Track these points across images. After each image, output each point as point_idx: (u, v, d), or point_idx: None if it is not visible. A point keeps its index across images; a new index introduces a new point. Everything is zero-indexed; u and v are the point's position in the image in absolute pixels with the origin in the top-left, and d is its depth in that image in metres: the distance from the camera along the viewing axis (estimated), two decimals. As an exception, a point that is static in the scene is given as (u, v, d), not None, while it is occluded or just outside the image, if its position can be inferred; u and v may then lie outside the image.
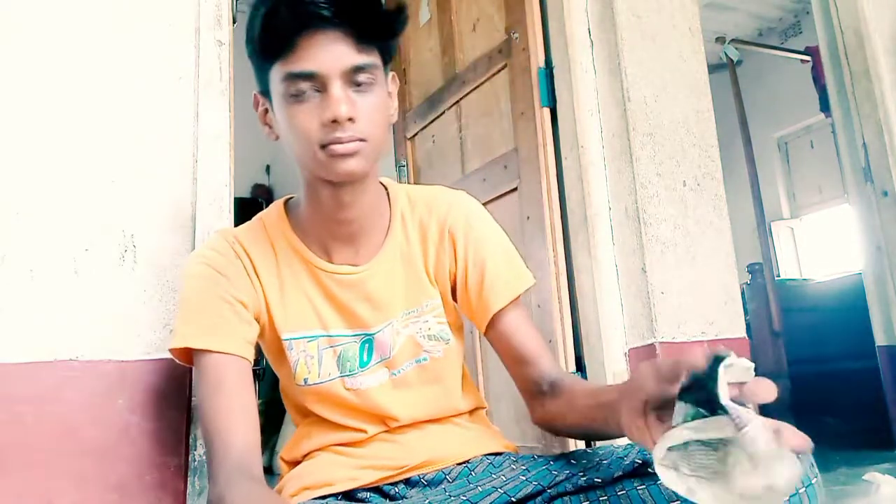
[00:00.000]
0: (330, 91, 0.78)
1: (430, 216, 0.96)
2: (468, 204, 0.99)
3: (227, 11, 1.31)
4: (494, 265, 0.95)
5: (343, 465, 0.90)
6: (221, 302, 0.86)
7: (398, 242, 0.94)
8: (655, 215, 1.69)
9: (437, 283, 0.95)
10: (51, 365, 1.03)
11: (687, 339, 1.65)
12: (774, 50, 4.70)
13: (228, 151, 1.25)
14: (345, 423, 0.91)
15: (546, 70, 1.88)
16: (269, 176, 5.09)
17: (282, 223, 0.93)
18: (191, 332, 0.85)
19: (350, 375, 0.91)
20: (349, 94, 0.79)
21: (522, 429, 1.83)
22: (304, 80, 0.78)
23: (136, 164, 1.15)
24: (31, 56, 1.12)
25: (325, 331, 0.91)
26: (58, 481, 1.00)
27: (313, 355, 0.90)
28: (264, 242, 0.92)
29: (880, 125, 2.28)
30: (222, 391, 0.82)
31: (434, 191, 1.00)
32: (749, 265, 3.48)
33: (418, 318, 0.93)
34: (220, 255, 0.89)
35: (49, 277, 1.06)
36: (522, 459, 0.90)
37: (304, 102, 0.79)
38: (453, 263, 0.95)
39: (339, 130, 0.78)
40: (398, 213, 0.95)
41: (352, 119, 0.78)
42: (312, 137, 0.79)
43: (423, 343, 0.93)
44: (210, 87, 1.24)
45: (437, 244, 0.95)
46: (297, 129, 0.80)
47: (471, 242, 0.95)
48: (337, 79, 0.78)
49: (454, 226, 0.95)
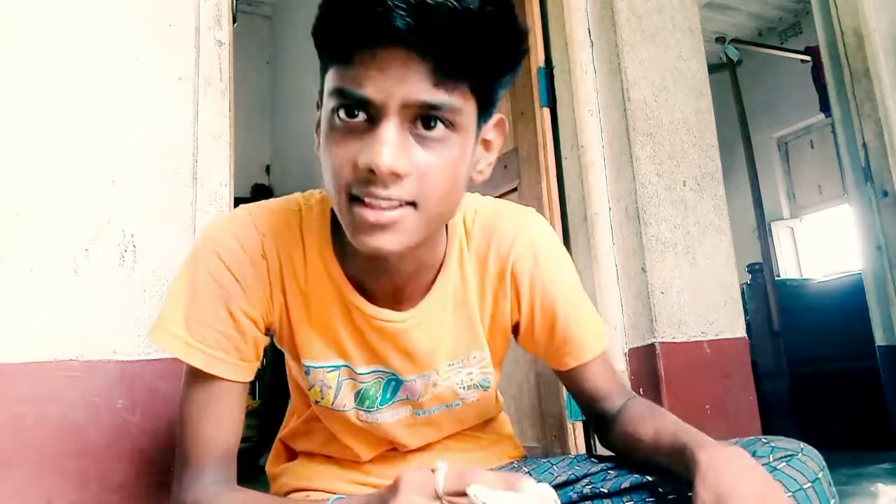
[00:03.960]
0: (380, 126, 0.58)
1: (490, 248, 0.79)
2: (536, 234, 0.81)
3: (227, 11, 1.31)
4: (566, 320, 0.81)
5: (342, 477, 0.87)
6: (229, 320, 0.72)
7: (452, 283, 0.78)
8: (655, 215, 1.69)
9: (493, 331, 0.83)
10: (51, 365, 1.03)
11: (687, 339, 1.65)
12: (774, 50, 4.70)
13: (228, 151, 1.25)
14: (347, 444, 0.85)
15: (546, 70, 1.88)
16: (269, 176, 5.09)
17: (321, 231, 0.75)
18: (187, 341, 0.72)
19: (368, 411, 0.81)
20: (406, 140, 0.58)
21: (523, 428, 1.83)
22: (353, 102, 0.58)
23: (136, 164, 1.15)
24: (32, 56, 1.12)
25: (347, 362, 0.78)
26: (58, 481, 1.00)
27: (331, 385, 0.79)
28: (296, 245, 0.75)
29: (880, 125, 2.28)
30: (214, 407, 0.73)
31: (496, 213, 0.81)
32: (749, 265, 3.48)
33: (462, 368, 0.81)
34: (242, 251, 0.73)
35: (49, 277, 1.06)
36: (526, 463, 0.88)
37: (348, 129, 0.59)
38: (516, 310, 0.82)
39: (377, 187, 0.58)
40: (455, 246, 0.78)
41: (398, 175, 0.58)
42: (341, 180, 0.60)
43: (461, 392, 0.83)
44: (210, 87, 1.24)
45: (495, 286, 0.80)
46: (329, 163, 0.61)
47: (537, 287, 0.80)
48: (394, 113, 0.57)
49: (518, 265, 0.79)
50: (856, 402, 2.95)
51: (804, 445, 0.68)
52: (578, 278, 0.85)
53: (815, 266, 5.28)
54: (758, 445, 0.68)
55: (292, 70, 4.71)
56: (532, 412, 1.83)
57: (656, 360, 1.59)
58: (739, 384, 1.70)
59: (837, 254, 5.07)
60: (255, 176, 5.00)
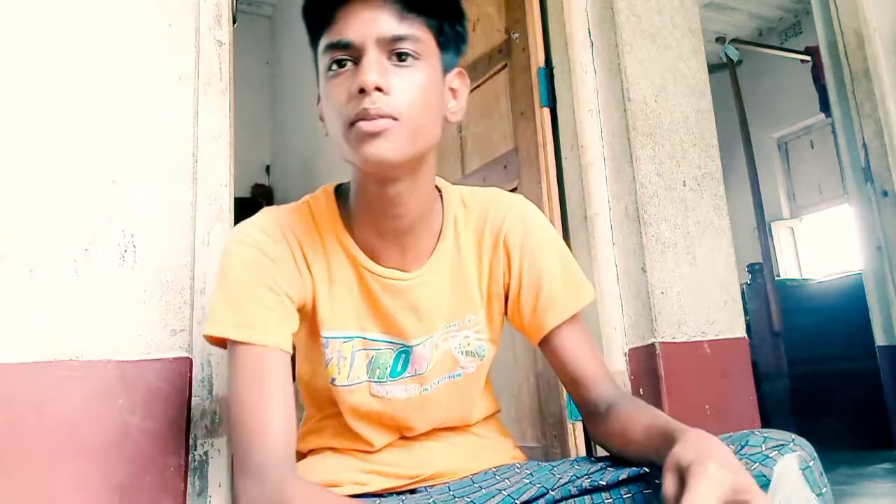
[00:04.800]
0: (363, 60, 0.73)
1: (485, 223, 0.90)
2: (525, 210, 0.93)
3: (227, 11, 1.31)
4: (551, 279, 0.90)
5: (351, 467, 0.88)
6: (267, 291, 0.80)
7: (450, 249, 0.88)
8: (655, 215, 1.69)
9: (487, 297, 0.91)
10: (51, 365, 1.03)
11: (687, 339, 1.65)
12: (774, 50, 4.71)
13: (228, 151, 1.25)
14: (358, 431, 0.88)
15: (546, 70, 1.88)
16: (268, 176, 5.09)
17: (331, 213, 0.87)
18: (232, 321, 0.79)
19: (378, 382, 0.87)
20: (384, 64, 0.73)
21: (522, 428, 1.83)
22: (340, 50, 0.74)
23: (136, 164, 1.15)
24: (32, 56, 1.12)
25: (361, 332, 0.86)
26: (58, 481, 1.00)
27: (346, 356, 0.86)
28: (312, 231, 0.86)
29: (880, 125, 2.28)
30: (263, 386, 0.77)
31: (490, 194, 0.94)
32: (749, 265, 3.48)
33: (458, 332, 0.89)
34: (270, 238, 0.83)
35: (49, 277, 1.06)
36: (528, 465, 0.89)
37: (340, 76, 0.74)
38: (507, 275, 0.91)
39: (368, 102, 0.71)
40: (451, 217, 0.89)
41: (381, 90, 0.72)
42: (342, 113, 0.74)
43: (459, 359, 0.89)
44: (210, 87, 1.24)
45: (491, 254, 0.90)
46: (331, 105, 0.76)
47: (527, 254, 0.90)
48: (372, 47, 0.73)
49: (510, 235, 0.90)
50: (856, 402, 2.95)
51: (795, 437, 0.71)
52: (568, 250, 0.94)
53: (815, 266, 5.28)
54: (751, 436, 0.71)
55: (292, 70, 4.71)
56: (532, 412, 1.83)
57: (656, 360, 1.59)
58: (739, 384, 1.70)
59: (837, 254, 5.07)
60: (255, 176, 5.00)
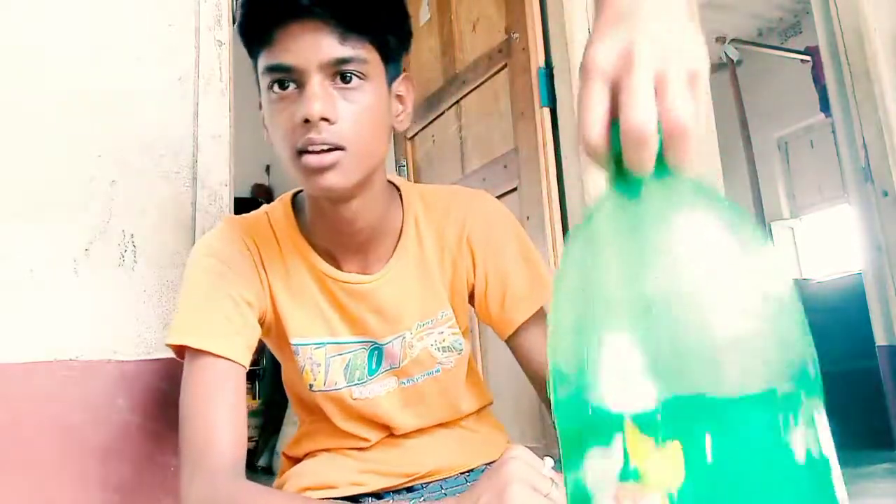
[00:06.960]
0: (306, 87, 0.70)
1: (447, 220, 0.89)
2: (487, 207, 0.92)
3: (227, 11, 1.31)
4: (517, 276, 0.89)
5: (346, 468, 0.89)
6: (227, 300, 0.79)
7: (412, 248, 0.88)
8: (655, 215, 1.69)
9: (450, 293, 0.90)
10: (51, 365, 1.03)
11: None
12: (774, 50, 4.71)
13: (228, 151, 1.25)
14: (348, 430, 0.89)
15: (546, 70, 1.88)
16: (268, 176, 5.09)
17: (288, 222, 0.86)
18: (191, 329, 0.78)
19: (359, 384, 0.87)
20: (329, 91, 0.71)
21: (522, 427, 1.83)
22: (281, 73, 0.71)
23: (135, 164, 1.15)
24: (31, 56, 1.12)
25: (332, 337, 0.86)
26: (58, 481, 1.00)
27: (320, 363, 0.85)
28: (271, 239, 0.85)
29: (880, 125, 2.28)
30: (217, 398, 0.75)
31: (451, 192, 0.93)
32: (749, 265, 3.47)
33: (433, 329, 0.89)
34: (229, 247, 0.83)
35: (49, 277, 1.06)
36: None
37: (284, 100, 0.72)
38: (471, 273, 0.90)
39: (314, 132, 0.70)
40: (412, 217, 0.88)
41: (327, 120, 0.70)
42: (287, 141, 0.72)
43: (437, 355, 0.89)
44: (210, 87, 1.24)
45: (454, 252, 0.89)
46: (275, 128, 0.73)
47: (490, 252, 0.89)
48: (315, 73, 0.70)
49: (473, 232, 0.89)
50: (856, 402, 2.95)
51: None
52: (531, 245, 0.93)
53: (815, 266, 5.28)
54: None
55: (292, 70, 4.71)
56: (532, 412, 1.83)
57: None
58: (739, 384, 1.70)
59: (837, 254, 5.07)
60: (255, 176, 5.00)
